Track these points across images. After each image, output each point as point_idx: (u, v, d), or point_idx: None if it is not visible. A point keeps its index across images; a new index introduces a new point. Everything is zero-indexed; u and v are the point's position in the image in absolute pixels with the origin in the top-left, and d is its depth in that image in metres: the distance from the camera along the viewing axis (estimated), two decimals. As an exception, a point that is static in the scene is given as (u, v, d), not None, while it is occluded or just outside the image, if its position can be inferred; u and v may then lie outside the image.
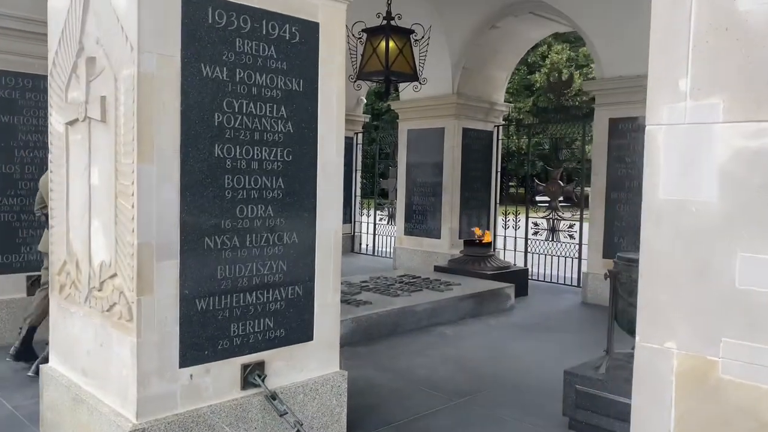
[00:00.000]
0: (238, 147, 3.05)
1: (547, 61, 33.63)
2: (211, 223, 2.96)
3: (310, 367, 3.41)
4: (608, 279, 3.84)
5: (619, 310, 3.78)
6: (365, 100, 12.17)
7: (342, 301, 6.10)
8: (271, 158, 3.19)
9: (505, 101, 10.25)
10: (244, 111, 3.07)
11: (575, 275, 8.94)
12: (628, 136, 7.48)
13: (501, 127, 10.11)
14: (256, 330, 3.18)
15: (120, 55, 2.74)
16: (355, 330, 5.49)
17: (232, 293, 3.07)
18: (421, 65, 6.70)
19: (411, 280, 7.28)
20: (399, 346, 5.50)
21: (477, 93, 9.59)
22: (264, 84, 3.13)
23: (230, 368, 3.05)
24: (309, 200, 3.34)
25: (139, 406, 2.71)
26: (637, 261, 3.90)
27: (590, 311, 7.41)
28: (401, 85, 8.21)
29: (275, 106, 3.18)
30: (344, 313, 5.55)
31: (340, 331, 4.98)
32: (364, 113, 12.33)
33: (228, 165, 3.02)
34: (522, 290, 8.04)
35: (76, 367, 3.21)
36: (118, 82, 2.77)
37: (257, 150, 3.13)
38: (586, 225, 8.87)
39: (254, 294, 3.16)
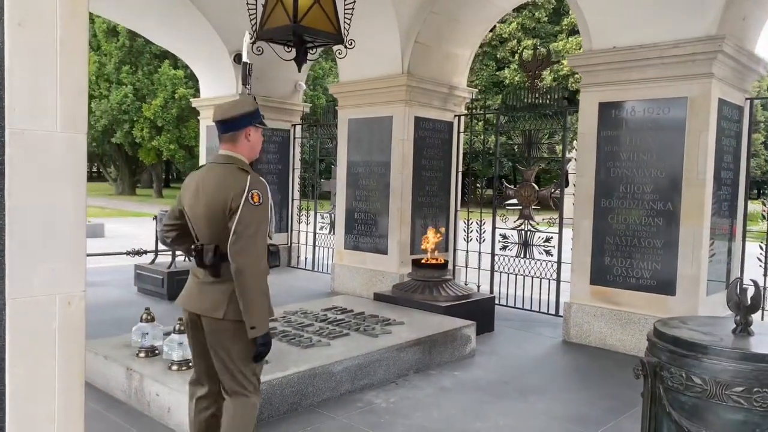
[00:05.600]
0: None
1: (516, 57, 32.35)
2: None
3: None
4: (640, 376, 2.02)
5: (664, 440, 1.97)
6: (305, 86, 10.23)
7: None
8: None
9: (468, 85, 8.43)
10: None
11: (552, 297, 7.19)
12: (623, 125, 5.73)
13: (463, 118, 8.28)
14: None
15: None
16: (230, 413, 3.57)
17: None
18: (347, 22, 4.83)
19: (338, 317, 5.40)
20: (299, 435, 3.62)
21: (433, 74, 7.74)
22: None
23: None
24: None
25: None
26: (697, 345, 2.03)
27: (576, 356, 5.63)
28: (339, 63, 6.29)
29: None
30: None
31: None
32: (304, 101, 10.40)
33: None
34: (487, 325, 6.23)
35: None
36: None
37: None
38: (566, 237, 7.13)
39: None
